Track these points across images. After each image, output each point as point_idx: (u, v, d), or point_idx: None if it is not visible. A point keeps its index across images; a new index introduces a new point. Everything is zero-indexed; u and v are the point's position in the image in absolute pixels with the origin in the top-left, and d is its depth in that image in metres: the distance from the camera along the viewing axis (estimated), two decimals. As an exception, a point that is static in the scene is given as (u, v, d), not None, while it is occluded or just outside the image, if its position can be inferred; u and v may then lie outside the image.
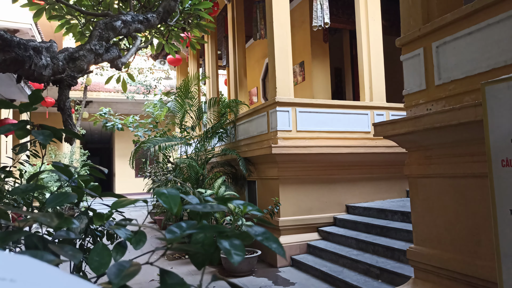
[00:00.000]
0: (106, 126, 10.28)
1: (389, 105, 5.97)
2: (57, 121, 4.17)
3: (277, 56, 5.40)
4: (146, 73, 15.84)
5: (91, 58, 2.18)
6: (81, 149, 13.72)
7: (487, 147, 1.84)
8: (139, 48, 2.85)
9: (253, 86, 11.50)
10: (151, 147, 6.21)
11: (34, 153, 1.93)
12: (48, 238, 0.82)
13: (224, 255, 2.87)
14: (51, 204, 0.77)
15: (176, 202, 0.66)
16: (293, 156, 5.17)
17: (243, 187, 6.53)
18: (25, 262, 0.41)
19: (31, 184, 0.96)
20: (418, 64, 2.91)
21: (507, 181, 1.76)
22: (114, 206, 0.78)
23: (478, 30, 2.43)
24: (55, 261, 0.54)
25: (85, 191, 1.01)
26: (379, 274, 3.89)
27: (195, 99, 7.11)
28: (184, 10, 3.19)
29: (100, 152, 25.49)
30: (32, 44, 1.85)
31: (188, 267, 5.13)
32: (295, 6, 8.60)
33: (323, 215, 5.49)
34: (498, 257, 1.78)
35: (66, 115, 2.15)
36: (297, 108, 5.40)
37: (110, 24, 2.32)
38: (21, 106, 1.08)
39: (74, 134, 1.22)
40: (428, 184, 2.92)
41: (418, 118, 2.73)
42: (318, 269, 4.46)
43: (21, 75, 1.92)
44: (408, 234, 4.12)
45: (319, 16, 5.82)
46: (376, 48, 6.02)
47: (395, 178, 5.95)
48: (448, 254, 2.72)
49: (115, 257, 0.76)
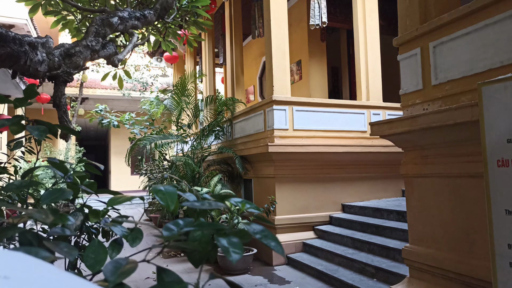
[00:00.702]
0: (102, 123, 10.23)
1: (385, 105, 5.99)
2: (52, 117, 4.13)
3: (274, 54, 5.40)
4: (142, 70, 15.77)
5: (87, 54, 2.17)
6: (77, 146, 13.66)
7: (483, 147, 1.85)
8: (136, 45, 2.83)
9: (250, 84, 11.49)
10: (147, 145, 6.19)
11: (29, 150, 1.92)
12: (43, 235, 0.81)
13: (220, 253, 2.84)
14: (46, 200, 0.76)
15: (173, 199, 0.66)
16: (290, 154, 5.17)
17: (239, 185, 6.53)
18: (20, 259, 0.40)
19: (25, 180, 0.95)
20: (415, 64, 2.91)
21: (502, 181, 1.77)
22: (110, 203, 0.77)
23: (475, 31, 2.44)
24: (50, 258, 0.53)
25: (80, 187, 1.00)
26: (374, 273, 3.90)
27: (191, 97, 7.09)
28: (182, 7, 3.17)
29: (96, 149, 25.39)
30: (28, 39, 1.83)
31: (184, 265, 5.12)
32: (292, 4, 8.59)
33: (319, 214, 5.51)
34: (493, 256, 1.79)
35: (61, 111, 2.13)
36: (294, 106, 5.40)
37: (107, 21, 2.30)
38: (16, 100, 1.07)
39: (70, 130, 1.21)
40: (424, 183, 2.93)
41: (414, 117, 2.73)
42: (313, 267, 4.47)
43: (16, 71, 1.90)
44: (404, 233, 4.14)
45: (316, 15, 5.82)
46: (373, 48, 6.03)
47: (391, 178, 5.97)
48: (443, 253, 2.73)
49: (111, 254, 0.75)
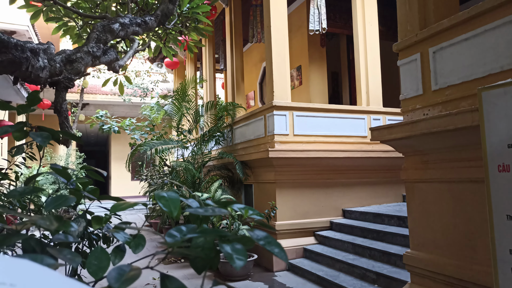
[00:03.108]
0: (103, 129, 10.24)
1: (385, 110, 6.00)
2: (53, 123, 4.14)
3: (274, 60, 5.42)
4: (143, 76, 15.81)
5: (89, 60, 2.18)
6: (77, 152, 13.66)
7: (484, 152, 1.85)
8: (137, 51, 2.85)
9: (251, 89, 11.52)
10: (148, 150, 6.19)
11: (30, 155, 1.92)
12: (45, 242, 0.81)
13: (221, 259, 2.84)
14: (50, 206, 0.76)
15: (176, 205, 0.66)
16: (290, 160, 5.17)
17: (239, 190, 6.52)
18: (25, 266, 0.40)
19: (28, 187, 0.95)
20: (415, 69, 2.92)
21: (503, 186, 1.77)
22: (113, 209, 0.77)
23: (474, 36, 2.45)
24: (55, 265, 0.53)
25: (83, 193, 1.00)
26: (376, 279, 3.88)
27: (192, 102, 7.10)
28: (182, 14, 3.19)
29: (96, 154, 25.41)
30: (30, 45, 1.84)
31: (184, 270, 5.10)
32: (292, 10, 8.64)
33: (319, 219, 5.49)
34: (495, 262, 1.78)
35: (62, 117, 2.14)
36: (294, 112, 5.41)
37: (108, 27, 2.31)
38: (19, 107, 1.07)
39: (71, 136, 1.21)
40: (425, 188, 2.92)
41: (415, 123, 2.74)
42: (314, 273, 4.45)
43: (18, 77, 1.91)
44: (405, 239, 4.13)
45: (316, 21, 5.85)
46: (373, 53, 6.06)
47: (392, 183, 5.96)
48: (445, 259, 2.72)
49: (114, 261, 0.75)
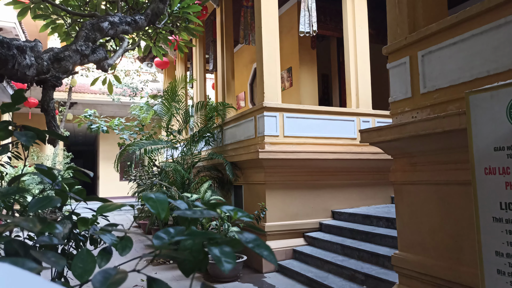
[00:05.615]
0: (91, 128, 10.10)
1: (375, 112, 6.05)
2: (40, 122, 4.08)
3: (265, 61, 5.42)
4: (132, 75, 15.67)
5: (77, 59, 2.14)
6: (65, 151, 13.47)
7: (471, 155, 1.88)
8: (126, 50, 2.82)
9: (241, 90, 11.51)
10: (137, 150, 6.13)
11: (16, 155, 1.88)
12: (29, 243, 0.79)
13: (210, 260, 2.82)
14: (33, 208, 0.74)
15: (164, 207, 0.65)
16: (280, 161, 5.18)
17: (229, 192, 6.50)
18: (6, 271, 0.39)
19: (12, 187, 0.93)
20: (404, 72, 2.95)
21: (489, 189, 1.79)
22: (100, 211, 0.76)
23: (462, 41, 2.49)
24: (37, 269, 0.51)
25: (69, 194, 0.98)
26: (364, 280, 3.91)
27: (182, 103, 7.06)
28: (173, 13, 3.17)
29: (84, 154, 25.11)
30: (16, 43, 1.81)
31: (173, 272, 5.06)
32: (283, 12, 8.67)
33: (309, 221, 5.51)
34: (481, 263, 1.81)
35: (49, 116, 2.11)
36: (284, 113, 5.42)
37: (97, 25, 2.28)
38: (3, 106, 1.05)
39: (58, 136, 1.19)
40: (413, 190, 2.95)
41: (403, 125, 2.76)
42: (303, 274, 4.46)
43: (3, 75, 1.87)
44: (393, 240, 4.16)
45: (306, 23, 5.88)
46: (363, 56, 6.11)
47: (380, 185, 6.02)
48: (432, 260, 2.75)
49: (100, 263, 0.73)
